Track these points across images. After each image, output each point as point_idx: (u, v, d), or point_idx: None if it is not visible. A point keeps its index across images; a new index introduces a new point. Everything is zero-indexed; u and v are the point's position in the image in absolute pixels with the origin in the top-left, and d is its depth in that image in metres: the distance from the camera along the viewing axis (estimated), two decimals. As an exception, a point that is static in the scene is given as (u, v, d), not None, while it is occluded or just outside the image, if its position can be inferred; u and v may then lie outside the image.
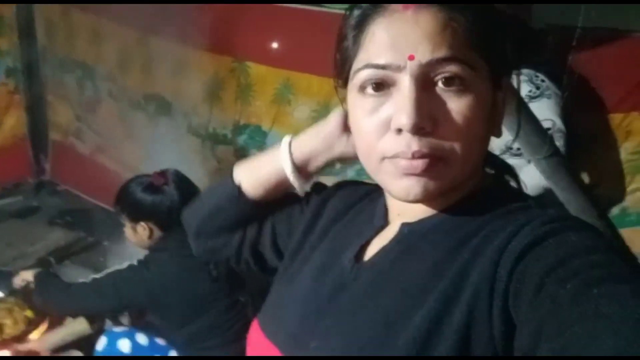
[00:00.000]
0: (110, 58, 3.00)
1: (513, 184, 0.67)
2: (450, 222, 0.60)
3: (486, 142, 0.60)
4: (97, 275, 1.78)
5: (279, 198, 0.80)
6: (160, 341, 1.79)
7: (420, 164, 0.53)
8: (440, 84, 0.53)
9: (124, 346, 1.74)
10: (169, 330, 1.80)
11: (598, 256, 0.47)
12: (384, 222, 0.67)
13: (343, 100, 0.63)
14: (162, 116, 2.90)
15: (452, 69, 0.52)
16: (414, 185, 0.54)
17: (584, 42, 1.51)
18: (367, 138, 0.56)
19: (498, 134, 0.61)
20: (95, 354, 1.78)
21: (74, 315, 1.96)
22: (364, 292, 0.61)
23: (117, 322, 2.02)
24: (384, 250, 0.63)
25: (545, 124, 1.71)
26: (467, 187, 0.61)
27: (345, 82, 0.60)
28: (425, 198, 0.56)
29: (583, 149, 1.69)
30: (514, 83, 0.66)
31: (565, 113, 1.69)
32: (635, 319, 0.40)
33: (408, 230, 0.62)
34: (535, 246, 0.50)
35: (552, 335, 0.43)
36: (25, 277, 1.99)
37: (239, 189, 0.78)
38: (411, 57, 0.52)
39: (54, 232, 3.10)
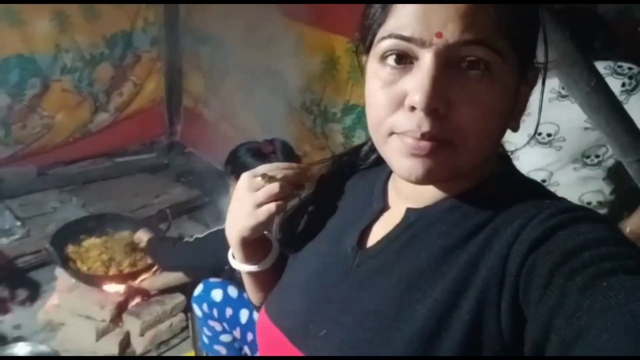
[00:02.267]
0: (237, 33, 3.20)
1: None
2: (459, 212, 0.58)
3: (501, 134, 0.58)
4: (200, 235, 1.96)
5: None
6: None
7: (426, 145, 0.51)
8: (463, 66, 0.51)
9: (217, 295, 1.89)
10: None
11: (608, 248, 0.47)
12: (383, 205, 0.66)
13: (362, 67, 0.61)
14: (279, 91, 3.05)
15: (479, 53, 0.50)
16: (417, 167, 0.53)
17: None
18: (378, 110, 0.54)
19: (515, 128, 0.58)
20: (192, 299, 1.97)
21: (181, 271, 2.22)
22: (368, 279, 0.60)
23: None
24: (389, 237, 0.62)
25: None
26: (477, 174, 0.59)
27: (368, 49, 0.57)
28: (427, 181, 0.55)
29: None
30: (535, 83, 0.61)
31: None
32: None
33: (415, 218, 0.61)
34: (545, 240, 0.49)
35: (562, 327, 0.43)
36: (140, 236, 2.31)
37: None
38: (439, 35, 0.49)
39: (176, 189, 3.44)
